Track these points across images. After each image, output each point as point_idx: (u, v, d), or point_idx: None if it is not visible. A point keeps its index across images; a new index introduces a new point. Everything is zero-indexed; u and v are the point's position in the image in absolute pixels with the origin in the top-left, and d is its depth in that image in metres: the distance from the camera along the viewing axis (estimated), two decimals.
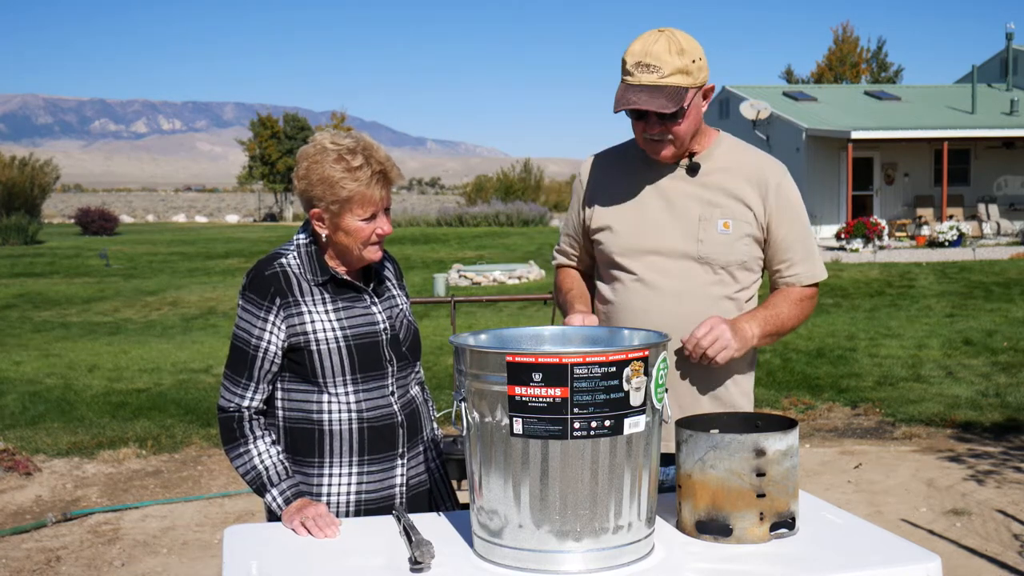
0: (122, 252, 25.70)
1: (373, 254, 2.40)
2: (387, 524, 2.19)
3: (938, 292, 14.91)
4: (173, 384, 9.00)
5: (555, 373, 1.81)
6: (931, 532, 4.97)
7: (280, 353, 2.35)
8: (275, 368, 2.36)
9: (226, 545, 2.09)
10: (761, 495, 1.97)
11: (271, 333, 2.33)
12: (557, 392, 1.81)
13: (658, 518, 2.04)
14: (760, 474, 1.97)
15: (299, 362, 2.35)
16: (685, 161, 2.54)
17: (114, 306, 15.38)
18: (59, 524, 5.35)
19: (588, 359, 1.81)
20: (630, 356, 1.83)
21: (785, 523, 2.01)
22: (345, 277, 2.41)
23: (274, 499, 2.30)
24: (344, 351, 2.35)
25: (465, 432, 1.96)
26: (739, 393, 2.57)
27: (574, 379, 1.80)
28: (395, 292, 2.54)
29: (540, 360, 1.81)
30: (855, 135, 24.26)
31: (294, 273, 2.37)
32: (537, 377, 1.81)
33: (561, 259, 2.82)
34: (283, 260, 2.39)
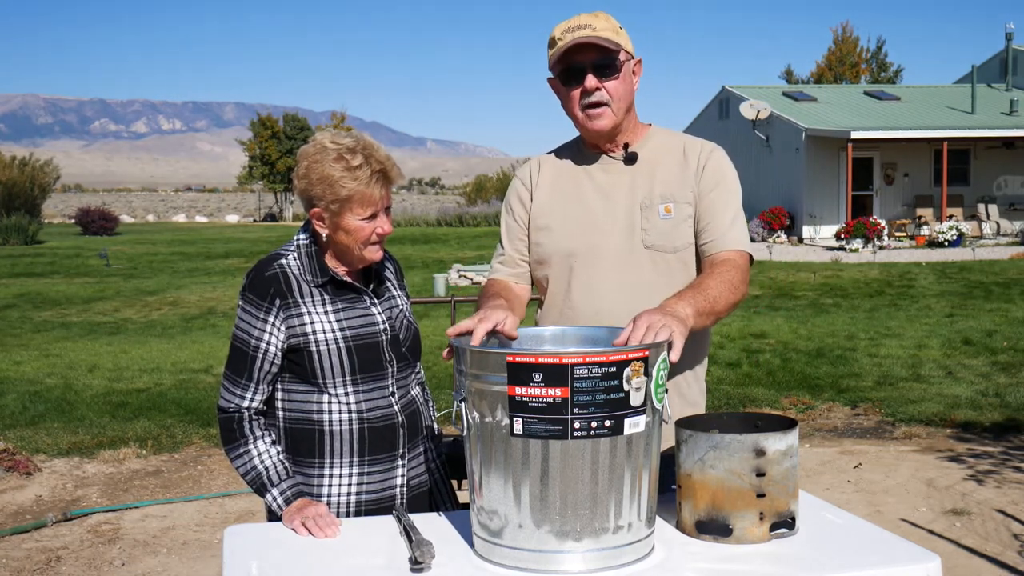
0: (122, 252, 25.71)
1: (373, 254, 2.40)
2: (387, 524, 2.19)
3: (938, 292, 14.92)
4: (173, 384, 9.00)
5: (555, 373, 1.81)
6: (931, 532, 4.97)
7: (280, 354, 2.35)
8: (275, 369, 2.36)
9: (226, 545, 2.10)
10: (761, 495, 1.97)
11: (271, 334, 2.33)
12: (557, 392, 1.81)
13: (658, 518, 2.04)
14: (760, 474, 1.97)
15: (299, 363, 2.35)
16: (621, 152, 2.50)
17: (114, 306, 15.38)
18: (59, 524, 5.35)
19: (588, 359, 1.81)
20: (630, 356, 1.83)
21: (785, 523, 2.01)
22: (345, 279, 2.41)
23: (274, 499, 2.30)
24: (344, 352, 2.35)
25: (465, 432, 1.96)
26: (694, 378, 2.49)
27: (574, 379, 1.80)
28: (395, 292, 2.53)
29: (540, 360, 1.81)
30: (855, 135, 24.26)
31: (294, 274, 2.37)
32: (537, 377, 1.81)
33: (505, 270, 2.58)
34: (283, 261, 2.39)
